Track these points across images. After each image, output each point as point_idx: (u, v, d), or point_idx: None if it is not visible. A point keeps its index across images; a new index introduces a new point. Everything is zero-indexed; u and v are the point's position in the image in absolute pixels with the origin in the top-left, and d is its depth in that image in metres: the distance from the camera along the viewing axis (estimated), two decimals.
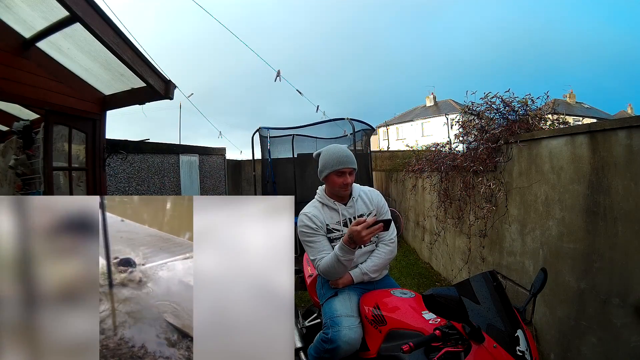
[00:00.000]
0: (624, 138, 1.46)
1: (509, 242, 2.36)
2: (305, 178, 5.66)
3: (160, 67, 3.12)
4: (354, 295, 1.49)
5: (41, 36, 2.64)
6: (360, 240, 1.26)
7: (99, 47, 2.60)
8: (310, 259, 1.54)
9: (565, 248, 1.81)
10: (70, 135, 3.26)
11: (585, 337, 1.68)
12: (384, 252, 1.57)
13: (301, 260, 2.21)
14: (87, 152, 3.42)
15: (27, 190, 3.19)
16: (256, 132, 6.01)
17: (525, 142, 2.18)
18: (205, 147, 9.87)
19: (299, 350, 1.72)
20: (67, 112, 3.13)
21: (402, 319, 1.27)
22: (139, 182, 7.26)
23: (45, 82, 2.90)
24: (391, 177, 6.62)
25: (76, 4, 2.24)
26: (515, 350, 0.96)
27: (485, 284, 1.12)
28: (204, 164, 9.62)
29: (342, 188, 1.52)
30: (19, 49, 2.69)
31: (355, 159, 1.54)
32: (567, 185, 1.79)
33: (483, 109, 2.69)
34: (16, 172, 3.19)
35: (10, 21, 2.55)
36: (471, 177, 2.82)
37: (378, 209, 1.61)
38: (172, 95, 3.29)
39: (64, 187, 3.26)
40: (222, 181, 10.47)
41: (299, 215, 1.55)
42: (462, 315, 0.96)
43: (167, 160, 8.11)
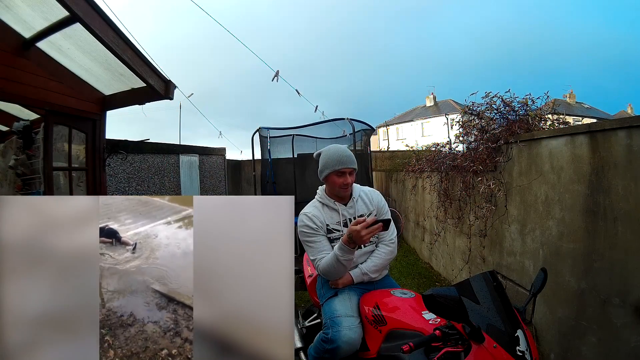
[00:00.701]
0: (624, 138, 1.46)
1: (509, 242, 2.36)
2: (305, 178, 5.65)
3: (160, 67, 3.13)
4: (354, 295, 1.49)
5: (41, 36, 2.64)
6: (360, 240, 1.25)
7: (99, 47, 2.60)
8: (310, 259, 1.54)
9: (565, 248, 1.81)
10: (70, 135, 3.26)
11: (585, 337, 1.68)
12: (384, 252, 1.57)
13: (301, 260, 2.21)
14: (87, 152, 3.42)
15: (27, 190, 3.19)
16: (256, 132, 6.01)
17: (525, 142, 2.17)
18: (205, 147, 9.87)
19: (299, 350, 1.72)
20: (67, 112, 3.12)
21: (402, 319, 1.27)
22: (139, 182, 7.26)
23: (45, 82, 2.89)
24: (391, 177, 6.62)
25: (76, 4, 2.24)
26: (515, 350, 0.96)
27: (485, 284, 1.12)
28: (204, 164, 9.62)
29: (342, 188, 1.52)
30: (19, 49, 2.69)
31: (355, 159, 1.54)
32: (567, 185, 1.79)
33: (483, 109, 2.69)
34: (16, 172, 3.19)
35: (10, 21, 2.55)
36: (471, 177, 2.82)
37: (378, 209, 1.61)
38: (172, 95, 3.29)
39: (64, 187, 3.26)
40: (222, 181, 10.47)
41: (299, 215, 1.55)
42: (462, 315, 0.96)
43: (167, 160, 8.11)
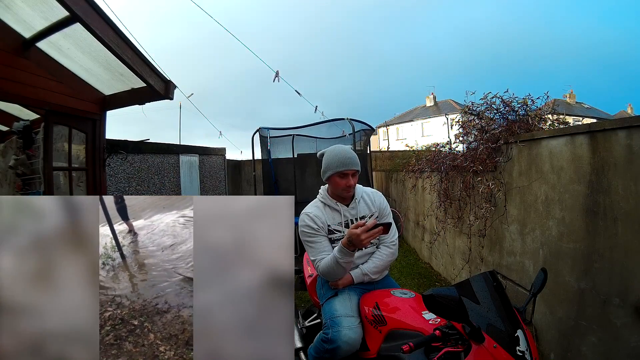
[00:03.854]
0: (624, 138, 1.46)
1: (509, 242, 2.36)
2: (305, 178, 5.66)
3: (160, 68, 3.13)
4: (354, 296, 1.49)
5: (41, 36, 2.64)
6: (359, 243, 1.25)
7: (99, 47, 2.60)
8: (310, 259, 1.54)
9: (565, 248, 1.81)
10: (70, 135, 3.26)
11: (585, 337, 1.68)
12: (385, 254, 1.57)
13: (301, 260, 2.21)
14: (87, 152, 3.42)
15: (27, 190, 3.19)
16: (256, 132, 6.01)
17: (525, 142, 2.17)
18: (205, 147, 9.86)
19: (299, 350, 1.72)
20: (67, 112, 3.12)
21: (402, 319, 1.27)
22: (139, 182, 7.26)
23: (45, 82, 2.89)
24: (391, 177, 6.62)
25: (76, 4, 2.24)
26: (515, 350, 0.96)
27: (485, 284, 1.12)
28: (204, 164, 9.62)
29: (344, 190, 1.51)
30: (19, 49, 2.69)
31: (358, 161, 1.53)
32: (567, 185, 1.79)
33: (483, 109, 2.69)
34: (16, 172, 3.18)
35: (10, 21, 2.54)
36: (471, 177, 2.82)
37: (380, 211, 1.61)
38: (172, 96, 3.29)
39: (64, 187, 3.26)
40: (222, 181, 10.46)
41: (301, 214, 1.55)
42: (462, 315, 0.96)
43: (167, 160, 8.11)
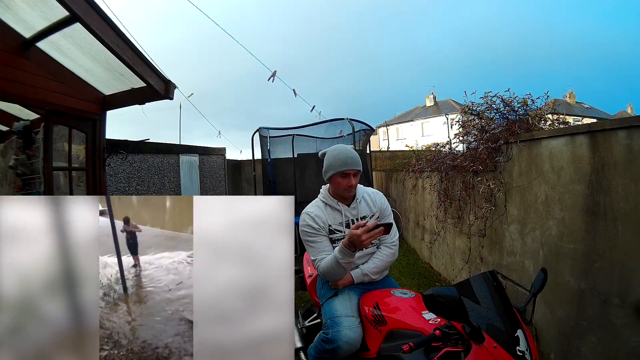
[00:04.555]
0: (624, 138, 1.46)
1: (509, 242, 2.36)
2: (305, 178, 5.65)
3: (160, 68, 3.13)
4: (354, 296, 1.49)
5: (41, 36, 2.64)
6: (360, 244, 1.24)
7: (99, 47, 2.60)
8: (310, 259, 1.54)
9: (565, 248, 1.81)
10: (70, 135, 3.26)
11: (585, 337, 1.68)
12: (386, 254, 1.56)
13: (301, 260, 2.21)
14: (87, 152, 3.42)
15: (27, 190, 3.19)
16: (256, 132, 6.01)
17: (525, 142, 2.17)
18: (205, 147, 9.87)
19: (299, 350, 1.72)
20: (67, 112, 3.12)
21: (402, 319, 1.27)
22: (139, 182, 7.26)
23: (45, 82, 2.89)
24: (391, 177, 6.62)
25: (76, 4, 2.24)
26: (515, 350, 0.96)
27: (485, 284, 1.12)
28: (204, 164, 9.62)
29: (346, 190, 1.51)
30: (19, 49, 2.69)
31: (360, 161, 1.52)
32: (567, 185, 1.79)
33: (483, 109, 2.69)
34: (16, 172, 3.19)
35: (10, 21, 2.55)
36: (471, 177, 2.82)
37: (381, 211, 1.61)
38: (172, 95, 3.29)
39: (64, 187, 3.26)
40: (222, 181, 10.47)
41: (302, 214, 1.55)
42: (462, 315, 0.96)
43: (167, 160, 8.11)
